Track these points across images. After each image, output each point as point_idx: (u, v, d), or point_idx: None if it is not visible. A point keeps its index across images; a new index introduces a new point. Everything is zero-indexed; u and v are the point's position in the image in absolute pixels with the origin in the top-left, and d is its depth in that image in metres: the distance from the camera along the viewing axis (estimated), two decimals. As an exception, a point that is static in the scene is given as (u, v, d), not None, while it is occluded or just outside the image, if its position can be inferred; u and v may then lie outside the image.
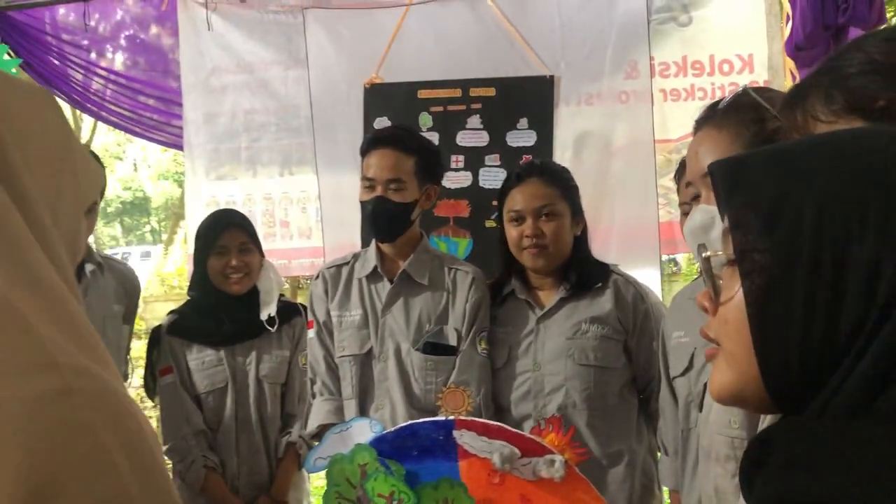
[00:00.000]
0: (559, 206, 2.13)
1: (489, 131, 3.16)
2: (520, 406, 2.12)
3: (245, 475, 2.49)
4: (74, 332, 0.63)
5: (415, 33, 3.24)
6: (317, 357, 2.29)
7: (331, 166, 3.37)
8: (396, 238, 2.23)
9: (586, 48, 3.12)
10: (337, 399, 2.24)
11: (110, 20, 3.86)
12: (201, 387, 2.49)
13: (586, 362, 2.08)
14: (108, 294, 2.60)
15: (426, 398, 2.16)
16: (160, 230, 25.06)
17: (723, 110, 1.25)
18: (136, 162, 22.77)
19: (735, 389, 0.67)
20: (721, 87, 3.00)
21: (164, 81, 3.80)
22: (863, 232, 0.59)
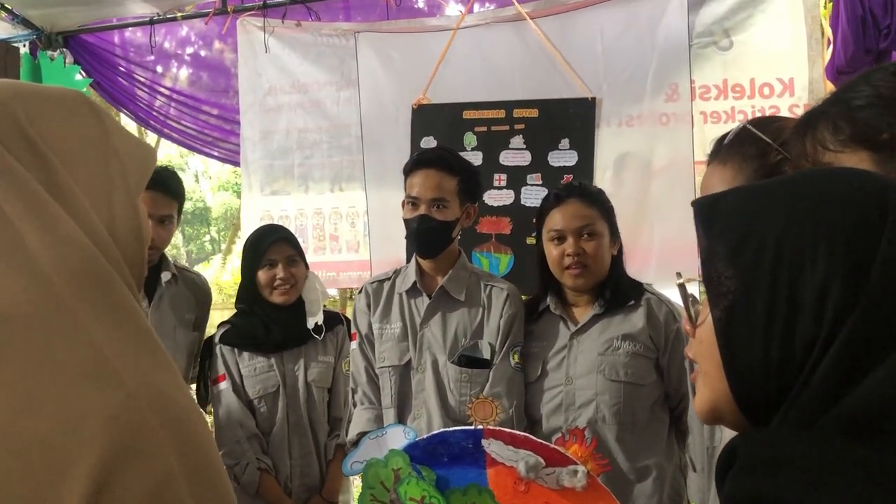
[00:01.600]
0: (599, 226, 2.18)
1: (531, 151, 3.23)
2: (551, 419, 2.17)
3: (297, 477, 2.57)
4: (136, 338, 0.70)
5: (461, 56, 3.33)
6: (358, 367, 2.38)
7: (378, 183, 3.47)
8: (438, 254, 2.31)
9: (628, 71, 3.18)
10: (377, 408, 2.33)
11: (175, 37, 4.01)
12: (253, 392, 2.58)
13: (616, 378, 2.12)
14: (182, 302, 2.70)
15: (460, 409, 2.22)
16: (220, 240, 25.57)
17: (727, 145, 1.30)
18: (197, 173, 23.30)
19: (712, 406, 0.74)
20: (761, 109, 3.02)
21: (224, 99, 3.93)
22: (814, 260, 0.66)
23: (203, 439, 0.69)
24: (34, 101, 0.77)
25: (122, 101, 4.09)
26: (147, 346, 0.71)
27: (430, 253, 2.32)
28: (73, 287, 0.68)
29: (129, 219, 0.79)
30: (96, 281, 0.70)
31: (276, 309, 2.62)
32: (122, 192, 0.79)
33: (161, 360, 0.71)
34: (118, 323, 0.69)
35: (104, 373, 0.65)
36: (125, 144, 0.83)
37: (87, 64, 3.91)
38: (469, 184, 2.33)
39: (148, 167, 0.89)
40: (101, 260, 0.72)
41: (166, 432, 0.65)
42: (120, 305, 0.71)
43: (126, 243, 0.79)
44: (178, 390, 0.70)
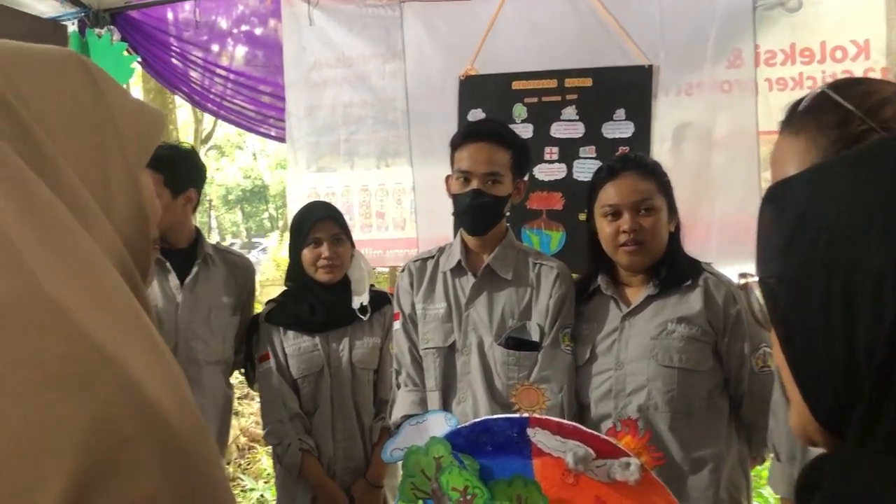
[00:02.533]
0: (657, 201, 2.05)
1: (585, 122, 3.10)
2: (600, 405, 2.07)
3: (341, 459, 2.55)
4: (126, 334, 0.61)
5: (510, 24, 3.21)
6: (402, 348, 2.32)
7: (425, 158, 3.39)
8: (488, 231, 2.23)
9: (687, 37, 3.00)
10: (421, 390, 2.27)
11: (230, 15, 3.98)
12: (297, 372, 2.56)
13: (670, 363, 2.00)
14: (218, 285, 2.66)
15: (507, 393, 2.14)
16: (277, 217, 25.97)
17: (801, 112, 1.14)
18: (255, 152, 23.65)
19: (800, 428, 0.64)
20: (832, 75, 2.82)
21: (279, 77, 3.85)
22: (868, 245, 0.55)
23: (197, 453, 0.60)
24: (13, 60, 0.68)
25: (174, 82, 4.08)
26: (141, 343, 0.62)
27: (481, 230, 2.23)
28: (53, 273, 0.59)
29: (128, 195, 0.71)
30: (80, 266, 0.62)
31: (322, 288, 2.59)
32: (120, 165, 0.70)
33: (158, 359, 0.62)
34: (105, 317, 0.61)
35: (82, 374, 0.56)
36: (124, 109, 0.74)
37: (133, 41, 3.90)
38: (521, 158, 2.24)
39: (152, 136, 0.80)
40: (88, 243, 0.63)
41: (151, 447, 0.56)
42: (110, 296, 0.62)
43: (124, 223, 0.70)
44: (173, 396, 0.60)
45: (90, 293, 0.61)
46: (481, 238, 2.24)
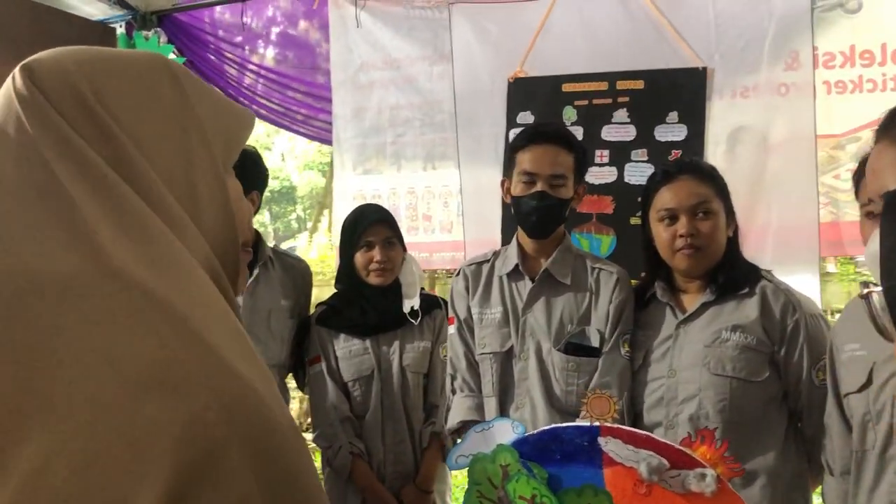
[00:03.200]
0: (714, 205, 2.01)
1: (636, 125, 3.06)
2: (651, 413, 2.03)
3: (391, 463, 2.54)
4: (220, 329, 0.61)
5: (561, 26, 3.18)
6: (457, 353, 2.30)
7: (472, 161, 3.37)
8: (549, 235, 2.21)
9: (743, 39, 2.95)
10: (477, 396, 2.24)
11: (262, 17, 4.01)
12: (348, 375, 2.55)
13: (722, 372, 1.94)
14: (276, 288, 2.66)
15: (567, 399, 2.12)
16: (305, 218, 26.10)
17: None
18: (283, 153, 23.78)
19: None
20: (894, 77, 2.76)
21: (311, 76, 3.91)
22: None
23: (291, 455, 0.59)
24: (100, 68, 0.68)
25: (213, 80, 4.10)
26: (237, 346, 0.61)
27: (544, 233, 2.21)
28: (143, 276, 0.59)
29: (215, 199, 0.70)
30: (172, 266, 0.61)
31: (373, 291, 2.58)
32: (206, 169, 0.70)
33: (250, 362, 0.61)
34: (202, 319, 0.60)
35: (177, 377, 0.56)
36: (212, 112, 0.73)
37: (180, 43, 3.93)
38: (582, 161, 2.24)
39: (240, 137, 0.79)
40: (177, 245, 0.63)
41: (245, 450, 0.55)
42: (204, 300, 0.62)
43: (212, 227, 0.69)
44: (266, 398, 0.60)
45: (187, 295, 0.61)
46: (540, 242, 2.22)
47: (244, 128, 0.80)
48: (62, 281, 0.57)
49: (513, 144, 2.27)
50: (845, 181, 2.82)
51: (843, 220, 2.85)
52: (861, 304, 1.76)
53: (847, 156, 2.84)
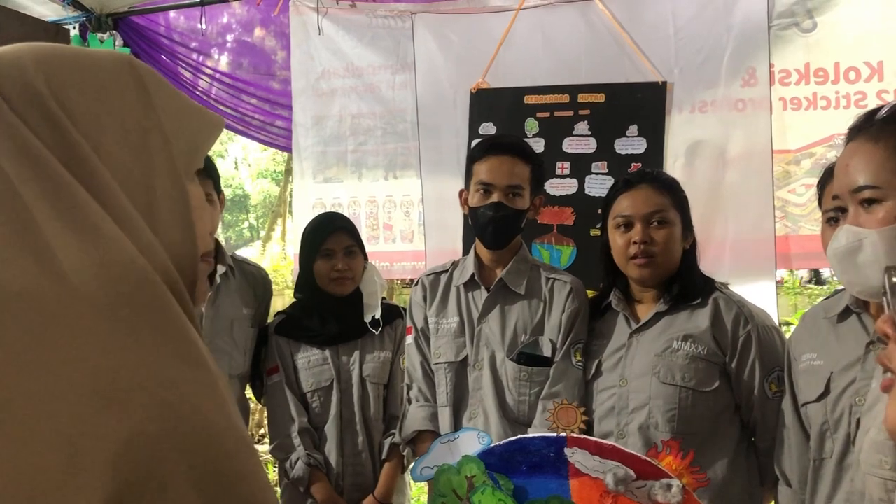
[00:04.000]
0: (670, 215, 2.01)
1: (597, 138, 3.09)
2: (603, 422, 2.03)
3: (349, 475, 2.50)
4: (170, 348, 0.59)
5: (523, 38, 3.20)
6: (414, 363, 2.30)
7: (434, 171, 3.37)
8: (506, 245, 2.21)
9: (702, 54, 3.01)
10: (433, 406, 2.24)
11: (218, 23, 3.98)
12: (307, 385, 2.51)
13: (672, 382, 1.94)
14: (237, 297, 2.60)
15: (519, 409, 2.13)
16: (258, 227, 25.80)
17: (881, 121, 1.15)
18: (236, 160, 23.50)
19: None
20: (846, 95, 2.84)
21: (267, 83, 3.88)
22: None
23: (240, 473, 0.57)
24: (61, 67, 0.66)
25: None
26: (185, 357, 0.59)
27: (500, 243, 2.21)
28: (93, 283, 0.56)
29: (174, 206, 0.68)
30: (125, 281, 0.59)
31: (334, 301, 2.54)
32: (166, 174, 0.68)
33: (201, 373, 0.59)
34: (147, 329, 0.58)
35: (119, 388, 0.53)
36: (176, 115, 0.71)
37: (136, 46, 3.86)
38: (539, 173, 2.25)
39: (203, 141, 0.77)
40: (135, 257, 0.60)
41: (188, 465, 0.53)
42: (156, 309, 0.59)
43: (170, 234, 0.67)
44: (217, 413, 0.57)
45: (133, 307, 0.58)
46: (497, 252, 2.23)
47: (210, 132, 0.78)
48: (8, 287, 0.54)
49: (470, 155, 2.28)
50: (800, 195, 2.89)
51: (797, 233, 2.92)
52: (818, 314, 1.81)
53: (801, 171, 2.90)
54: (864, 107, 2.76)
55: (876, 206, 1.11)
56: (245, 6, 3.86)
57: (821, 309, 1.83)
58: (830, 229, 1.71)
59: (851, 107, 2.82)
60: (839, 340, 1.70)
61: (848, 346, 1.67)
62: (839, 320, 1.72)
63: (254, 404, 5.18)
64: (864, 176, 1.13)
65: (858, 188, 1.14)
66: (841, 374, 1.66)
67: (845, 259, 1.17)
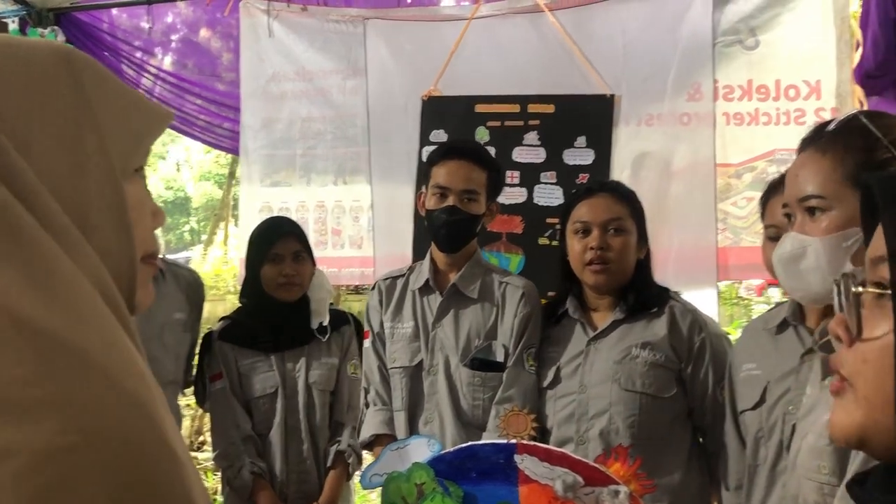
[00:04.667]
0: (627, 223, 2.07)
1: (546, 148, 3.12)
2: (562, 428, 2.05)
3: (294, 483, 2.48)
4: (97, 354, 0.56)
5: (475, 48, 3.22)
6: (371, 367, 2.29)
7: (385, 177, 3.36)
8: (460, 249, 2.22)
9: (649, 68, 3.08)
10: (390, 410, 2.24)
11: (163, 22, 3.92)
12: (251, 392, 2.48)
13: (632, 388, 1.99)
14: (170, 301, 2.56)
15: (473, 414, 2.14)
16: (199, 231, 25.35)
17: (830, 133, 1.19)
18: (178, 162, 23.07)
19: (861, 433, 0.63)
20: (786, 112, 2.93)
21: (212, 84, 3.84)
22: None
23: (161, 483, 0.54)
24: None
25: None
26: (110, 364, 0.57)
27: (454, 247, 2.22)
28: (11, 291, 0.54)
29: (111, 209, 0.64)
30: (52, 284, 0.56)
31: (281, 306, 2.52)
32: (100, 173, 0.64)
33: (131, 381, 0.57)
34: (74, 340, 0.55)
35: (32, 398, 0.51)
36: (114, 109, 0.67)
37: (79, 44, 3.75)
38: (496, 180, 2.27)
39: (147, 136, 0.73)
40: (61, 261, 0.58)
41: (105, 478, 0.51)
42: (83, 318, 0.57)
43: (105, 238, 0.64)
44: (139, 426, 0.55)
45: (63, 314, 0.55)
46: (452, 256, 2.23)
47: (155, 127, 0.74)
48: None
49: (429, 158, 2.30)
50: (741, 208, 2.97)
51: (738, 245, 3.00)
52: (759, 325, 1.87)
53: (743, 184, 2.99)
54: (802, 124, 2.87)
55: (820, 216, 1.16)
56: (191, 6, 3.80)
57: (761, 321, 1.91)
58: (771, 244, 1.77)
59: (791, 123, 2.91)
60: (777, 351, 1.77)
61: (784, 357, 1.73)
62: (777, 332, 1.78)
63: (194, 411, 5.10)
64: (811, 186, 1.18)
65: (805, 197, 1.18)
66: (777, 384, 1.73)
67: (789, 265, 1.21)
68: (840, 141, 1.17)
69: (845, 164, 1.15)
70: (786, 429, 1.68)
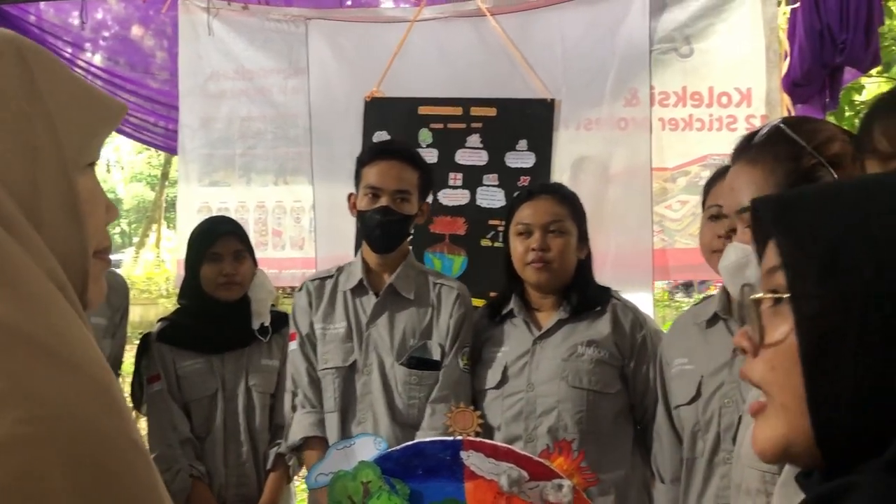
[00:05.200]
0: (567, 225, 2.14)
1: (489, 151, 3.16)
2: (510, 427, 2.10)
3: (233, 486, 2.45)
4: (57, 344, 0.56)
5: (418, 50, 3.24)
6: (298, 369, 2.27)
7: (327, 177, 3.35)
8: (393, 249, 2.24)
9: (588, 74, 3.14)
10: (319, 412, 2.23)
11: (93, 18, 3.83)
12: (190, 395, 2.45)
13: (580, 385, 2.06)
14: None
15: (409, 413, 2.16)
16: (131, 233, 24.71)
17: (758, 144, 1.24)
18: (108, 163, 22.47)
19: (784, 443, 0.65)
20: (719, 118, 3.03)
21: (145, 81, 3.78)
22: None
23: (130, 476, 0.54)
24: None
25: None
26: (70, 356, 0.56)
27: (388, 248, 2.23)
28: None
29: (62, 203, 0.64)
30: (6, 278, 0.56)
31: (220, 307, 2.48)
32: (51, 165, 0.63)
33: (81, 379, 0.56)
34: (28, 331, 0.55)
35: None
36: (65, 100, 0.66)
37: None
38: (427, 180, 2.30)
39: (99, 129, 0.72)
40: (18, 257, 0.57)
41: (68, 468, 0.51)
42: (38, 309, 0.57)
43: (56, 231, 0.63)
44: (103, 413, 0.55)
45: (19, 304, 0.55)
46: (385, 256, 2.25)
47: (107, 120, 0.73)
48: None
49: (359, 159, 2.30)
50: (676, 211, 3.06)
51: (672, 247, 3.09)
52: (688, 319, 1.94)
53: (677, 188, 3.08)
54: (734, 130, 2.97)
55: None
56: (122, 2, 3.73)
57: (690, 315, 1.99)
58: (710, 224, 1.84)
59: (724, 129, 3.01)
60: (708, 345, 1.84)
61: (717, 351, 1.80)
62: (708, 326, 1.87)
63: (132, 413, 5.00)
64: (746, 197, 1.22)
65: (743, 209, 1.23)
66: (711, 378, 1.80)
67: (735, 273, 1.26)
68: (769, 151, 1.22)
69: (776, 174, 1.20)
70: (723, 421, 1.75)
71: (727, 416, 1.74)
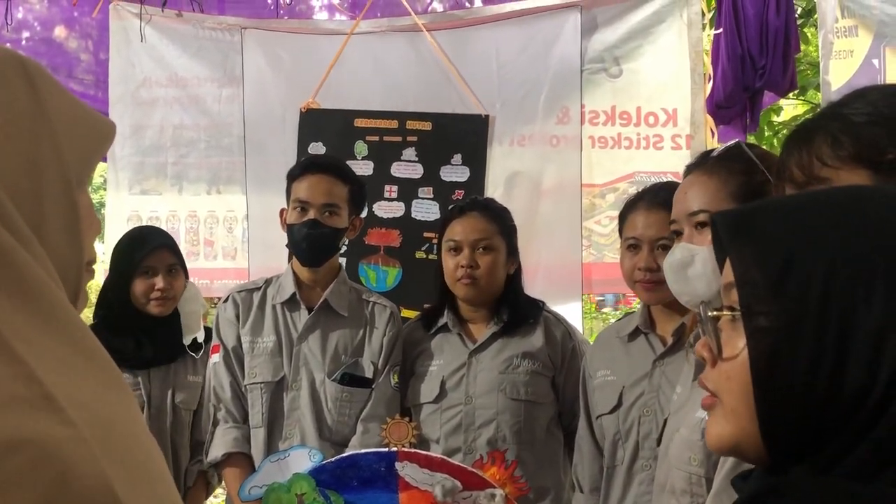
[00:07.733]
0: (495, 241, 2.19)
1: (424, 164, 3.20)
2: (450, 439, 2.14)
3: None
4: (76, 356, 0.58)
5: (355, 62, 3.25)
6: (222, 383, 2.23)
7: (261, 188, 3.32)
8: (321, 263, 2.24)
9: (521, 91, 3.21)
10: (243, 427, 2.20)
11: (13, 18, 3.70)
12: None
13: (517, 397, 2.13)
14: None
15: (337, 429, 2.15)
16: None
17: (714, 158, 1.35)
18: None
19: (734, 442, 0.69)
20: (646, 137, 3.14)
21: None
22: (868, 299, 0.60)
23: (158, 476, 0.58)
24: None
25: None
26: (93, 365, 0.59)
27: (316, 262, 2.23)
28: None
29: (64, 218, 0.65)
30: (19, 288, 0.57)
31: (149, 321, 2.40)
32: (56, 182, 0.65)
33: (111, 382, 0.59)
34: (52, 337, 0.57)
35: (37, 395, 0.53)
36: (69, 120, 0.68)
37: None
38: (358, 194, 2.30)
39: (96, 149, 0.74)
40: (26, 261, 0.58)
41: (36, 483, 0.51)
42: (53, 314, 0.58)
43: (57, 243, 0.65)
44: (130, 420, 0.59)
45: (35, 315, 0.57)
46: (315, 271, 2.25)
47: (103, 140, 0.75)
48: None
49: (289, 174, 2.30)
50: (604, 226, 3.15)
51: (601, 261, 3.17)
52: (612, 332, 2.02)
53: (606, 204, 3.17)
54: (660, 148, 3.09)
55: (707, 229, 1.29)
56: (47, 2, 3.62)
57: (613, 329, 2.08)
58: (629, 254, 1.92)
59: (650, 148, 3.12)
60: (629, 357, 1.93)
61: (637, 363, 1.90)
62: (629, 339, 1.95)
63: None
64: (699, 202, 1.33)
65: (694, 212, 1.34)
66: (631, 388, 1.89)
67: (679, 271, 1.34)
68: (724, 165, 1.33)
69: (729, 185, 1.30)
70: (642, 430, 1.83)
71: (646, 425, 1.83)
